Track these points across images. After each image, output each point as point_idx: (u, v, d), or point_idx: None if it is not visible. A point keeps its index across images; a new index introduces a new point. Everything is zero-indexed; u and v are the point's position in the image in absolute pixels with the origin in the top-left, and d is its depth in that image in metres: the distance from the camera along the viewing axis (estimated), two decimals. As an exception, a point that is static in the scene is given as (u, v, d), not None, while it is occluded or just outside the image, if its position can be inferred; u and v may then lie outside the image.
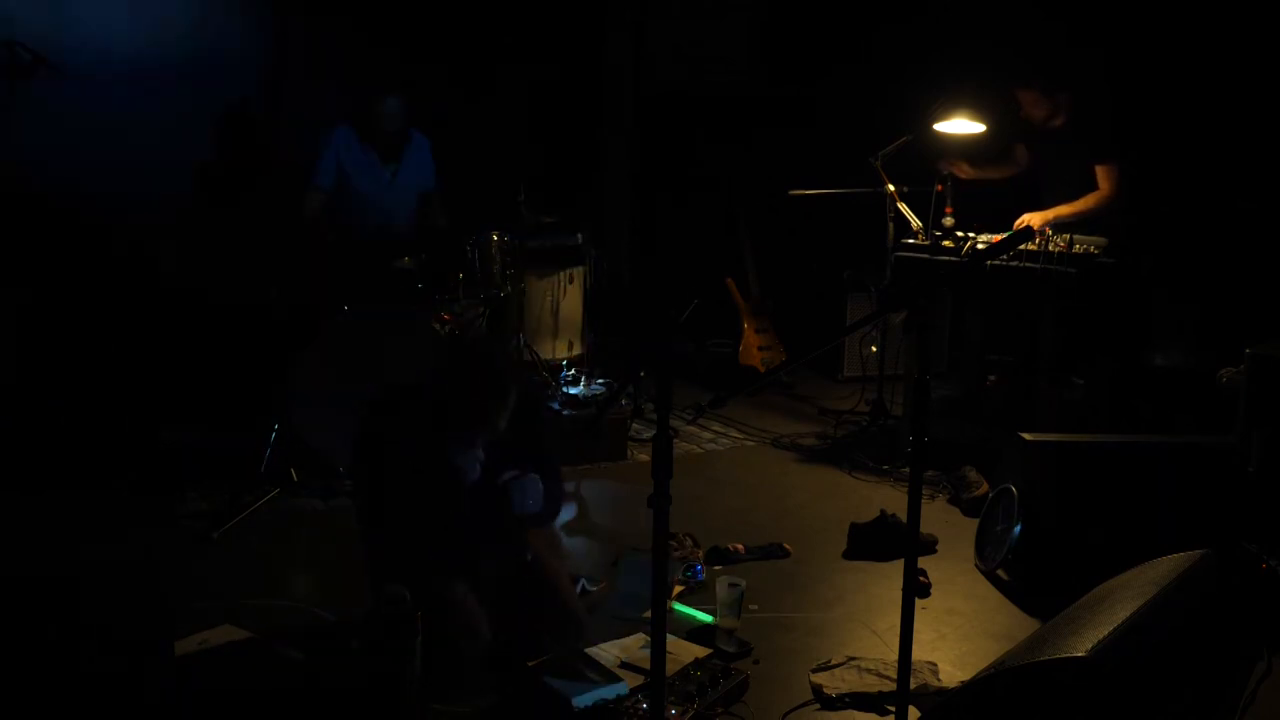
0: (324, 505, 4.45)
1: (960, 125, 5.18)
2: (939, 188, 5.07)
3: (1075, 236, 4.71)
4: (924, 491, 2.98)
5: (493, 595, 3.17)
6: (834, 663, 3.20)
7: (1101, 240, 4.78)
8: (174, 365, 5.18)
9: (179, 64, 5.78)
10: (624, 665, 3.13)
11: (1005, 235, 4.97)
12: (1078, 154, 5.02)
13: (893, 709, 2.92)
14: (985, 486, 4.52)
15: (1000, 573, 3.89)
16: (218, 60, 5.87)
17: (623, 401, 5.57)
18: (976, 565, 4.03)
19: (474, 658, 3.05)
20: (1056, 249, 4.69)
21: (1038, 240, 4.69)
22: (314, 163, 5.10)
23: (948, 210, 5.08)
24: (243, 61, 5.65)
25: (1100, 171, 4.96)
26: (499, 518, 3.15)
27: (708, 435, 5.65)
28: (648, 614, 3.33)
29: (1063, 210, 4.92)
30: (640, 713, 2.84)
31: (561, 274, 5.68)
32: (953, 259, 4.93)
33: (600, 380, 5.67)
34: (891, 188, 5.26)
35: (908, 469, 2.56)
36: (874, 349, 5.86)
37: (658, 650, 2.44)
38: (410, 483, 3.09)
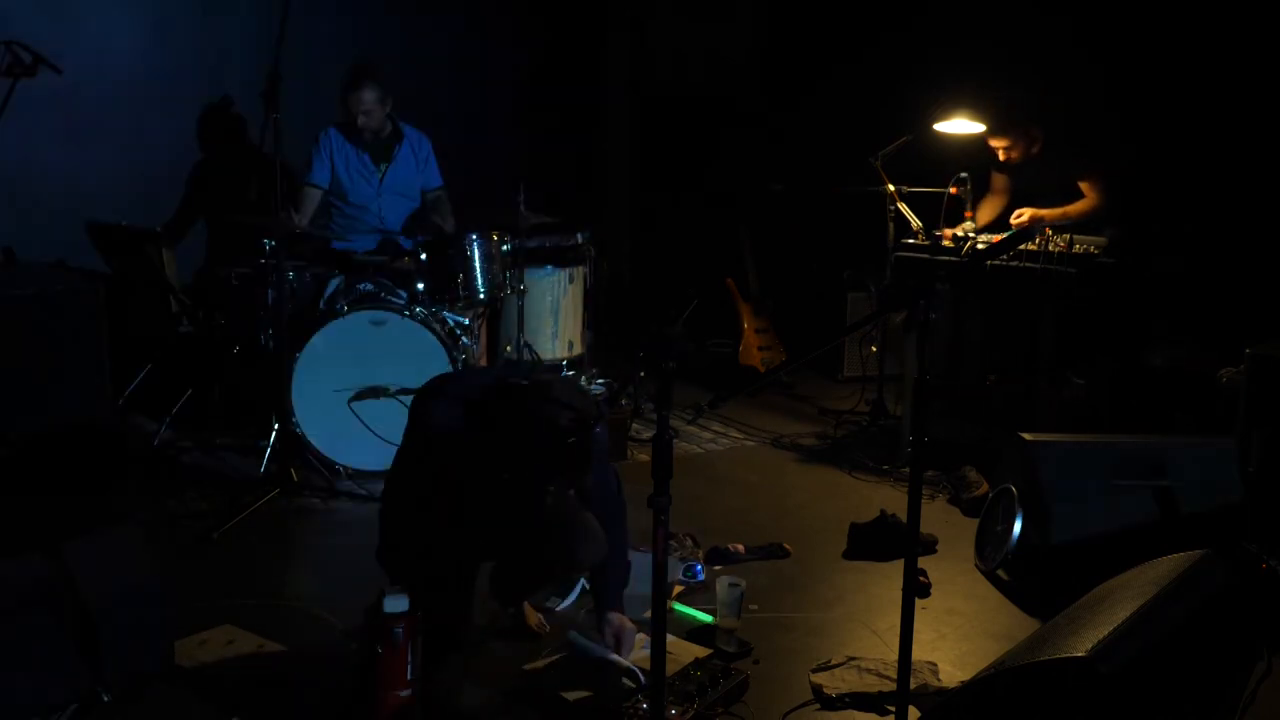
0: (324, 505, 4.46)
1: (960, 125, 5.18)
2: (953, 190, 5.06)
3: (1075, 236, 4.72)
4: (924, 491, 2.98)
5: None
6: (834, 663, 3.20)
7: (1101, 240, 4.79)
8: (175, 365, 5.17)
9: (178, 64, 5.81)
10: (624, 665, 3.13)
11: (1005, 235, 4.97)
12: (1058, 174, 5.09)
13: (893, 709, 2.92)
14: (985, 486, 4.51)
15: (1000, 573, 3.89)
16: (218, 60, 5.90)
17: (623, 401, 5.57)
18: (976, 565, 4.03)
19: (476, 657, 3.05)
20: (1056, 249, 4.69)
21: (1038, 240, 4.70)
22: (307, 161, 5.11)
23: (968, 215, 5.08)
24: (243, 61, 5.66)
25: (1084, 186, 5.04)
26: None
27: (708, 435, 5.65)
28: (648, 614, 3.32)
29: (1060, 211, 4.96)
30: (640, 713, 2.84)
31: (561, 274, 5.67)
32: (953, 259, 4.93)
33: (600, 380, 5.67)
34: (891, 187, 5.26)
35: (908, 469, 2.56)
36: (874, 349, 5.86)
37: (658, 650, 2.44)
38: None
